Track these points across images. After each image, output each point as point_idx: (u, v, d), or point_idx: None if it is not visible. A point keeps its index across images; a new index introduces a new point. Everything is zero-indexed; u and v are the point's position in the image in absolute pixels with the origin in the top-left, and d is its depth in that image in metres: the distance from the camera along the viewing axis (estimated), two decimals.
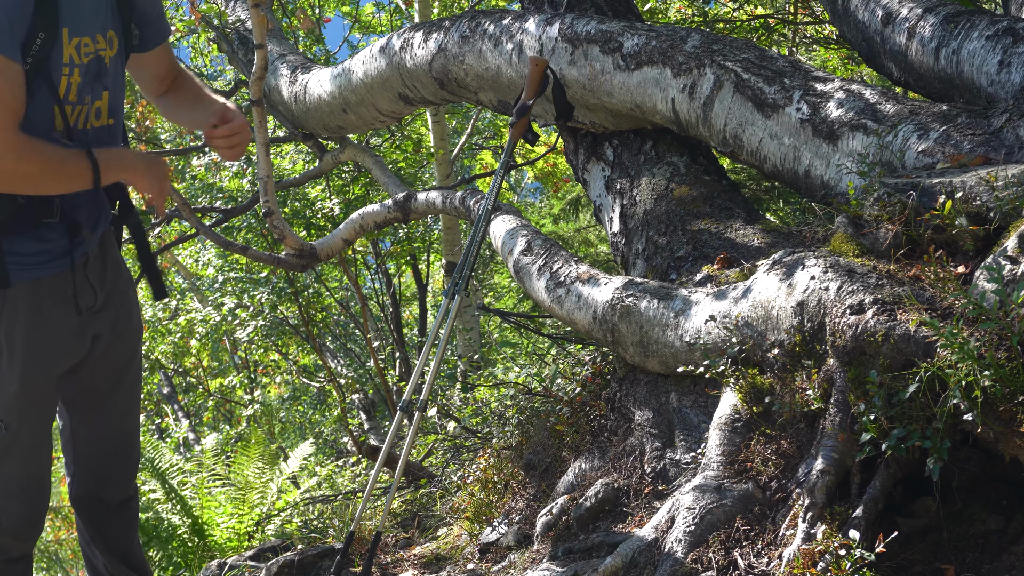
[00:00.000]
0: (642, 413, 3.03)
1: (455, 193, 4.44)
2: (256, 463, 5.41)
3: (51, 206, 2.12)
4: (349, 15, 9.36)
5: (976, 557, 1.99)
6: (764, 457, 2.38)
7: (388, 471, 5.60)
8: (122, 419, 2.49)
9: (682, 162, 3.82)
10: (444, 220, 8.08)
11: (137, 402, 2.56)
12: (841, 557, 1.91)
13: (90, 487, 2.49)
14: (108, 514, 2.53)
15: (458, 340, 8.67)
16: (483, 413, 5.27)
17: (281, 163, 7.37)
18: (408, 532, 4.09)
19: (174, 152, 7.54)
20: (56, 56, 2.03)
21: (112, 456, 2.49)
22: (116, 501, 2.53)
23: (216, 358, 10.32)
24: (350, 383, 8.25)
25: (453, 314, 3.18)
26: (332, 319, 9.14)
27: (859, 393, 2.07)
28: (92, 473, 2.48)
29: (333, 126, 5.24)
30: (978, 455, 2.03)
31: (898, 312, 2.05)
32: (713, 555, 2.18)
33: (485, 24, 4.13)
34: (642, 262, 3.62)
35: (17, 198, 2.06)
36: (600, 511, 2.86)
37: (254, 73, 4.04)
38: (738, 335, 2.57)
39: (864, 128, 2.97)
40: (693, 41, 3.52)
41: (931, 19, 3.17)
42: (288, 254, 4.82)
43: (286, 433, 10.32)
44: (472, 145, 10.94)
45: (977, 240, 2.23)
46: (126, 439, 2.52)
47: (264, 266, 6.87)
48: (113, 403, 2.45)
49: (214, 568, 3.85)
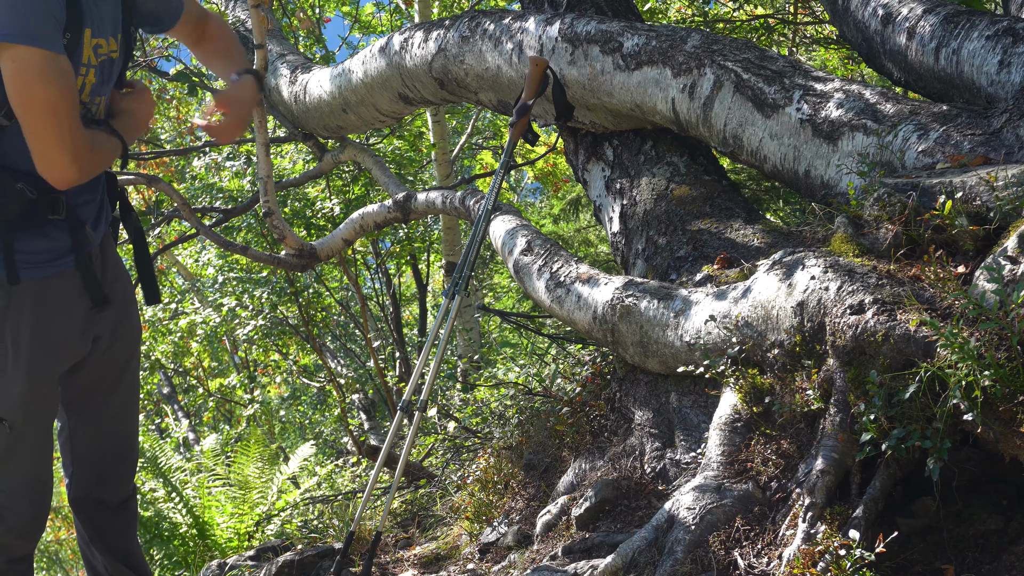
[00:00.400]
0: (642, 413, 3.03)
1: (455, 193, 4.44)
2: (256, 463, 5.41)
3: (58, 203, 2.13)
4: (349, 15, 9.35)
5: (976, 557, 1.99)
6: (764, 457, 2.38)
7: (388, 471, 5.60)
8: (121, 419, 2.50)
9: (682, 162, 3.82)
10: (444, 220, 8.07)
11: (136, 402, 2.56)
12: (841, 557, 1.91)
13: (89, 487, 2.49)
14: (107, 514, 2.53)
15: (458, 340, 8.67)
16: (483, 413, 5.27)
17: (281, 163, 7.37)
18: (408, 532, 4.10)
19: (174, 152, 7.54)
20: (78, 57, 2.04)
21: (111, 456, 2.49)
22: (115, 501, 2.53)
23: (216, 358, 10.32)
24: (350, 383, 8.25)
25: (453, 314, 3.18)
26: (332, 319, 9.14)
27: (859, 393, 2.07)
28: (91, 473, 2.48)
29: (333, 126, 5.24)
30: (978, 455, 2.03)
31: (898, 312, 2.05)
32: (713, 555, 2.18)
33: (485, 24, 4.13)
34: (642, 262, 3.62)
35: (27, 193, 2.07)
36: (600, 511, 2.86)
37: None
38: (738, 335, 2.57)
39: (864, 128, 2.97)
40: (693, 41, 3.52)
41: (931, 19, 3.17)
42: (288, 254, 4.82)
43: (286, 433, 10.33)
44: (472, 145, 10.94)
45: (977, 240, 2.23)
46: (125, 440, 2.52)
47: (264, 266, 6.87)
48: (112, 403, 2.45)
49: (214, 568, 3.85)
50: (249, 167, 6.90)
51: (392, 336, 8.71)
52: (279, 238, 4.67)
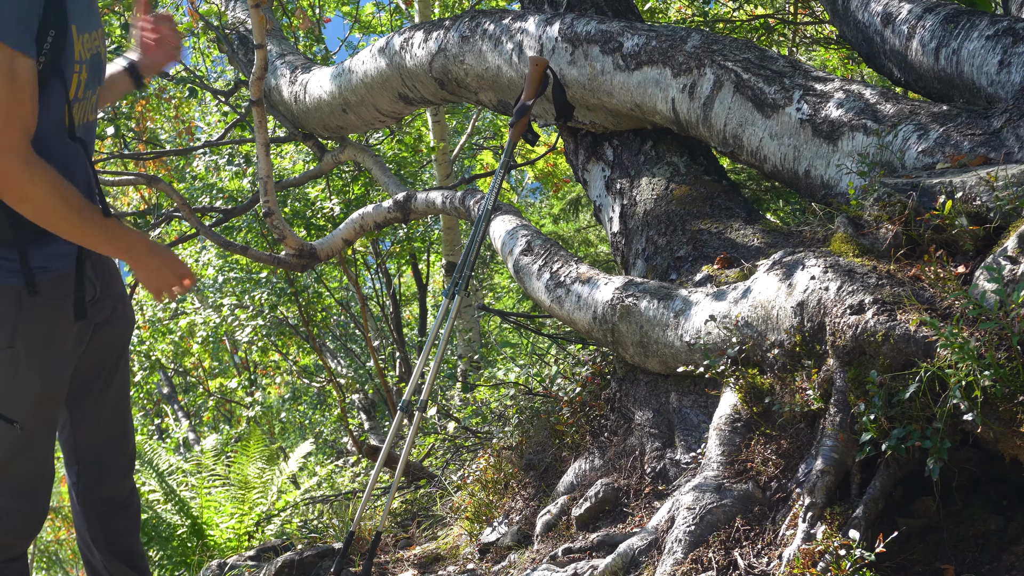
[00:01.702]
0: (642, 413, 3.03)
1: (455, 193, 4.45)
2: (256, 463, 5.41)
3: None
4: (349, 15, 9.35)
5: (976, 557, 1.99)
6: (764, 457, 2.38)
7: (388, 471, 5.60)
8: (118, 410, 2.51)
9: (682, 162, 3.82)
10: (444, 220, 8.08)
11: (127, 389, 2.57)
12: (841, 557, 1.91)
13: (95, 483, 2.50)
14: (114, 510, 2.53)
15: (458, 340, 8.67)
16: (483, 413, 5.28)
17: (281, 163, 7.37)
18: (408, 532, 4.09)
19: (174, 152, 7.53)
20: (69, 54, 2.02)
21: (109, 448, 2.50)
22: (120, 496, 2.54)
23: (216, 359, 10.32)
24: (350, 383, 8.25)
25: (453, 314, 3.18)
26: (332, 319, 9.14)
27: (859, 393, 2.07)
28: (95, 468, 2.49)
29: (333, 126, 5.24)
30: (978, 455, 2.03)
31: (898, 312, 2.05)
32: (713, 555, 2.18)
33: (485, 24, 4.13)
34: (642, 262, 3.62)
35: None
36: (600, 511, 2.86)
37: (254, 73, 4.04)
38: (738, 335, 2.57)
39: (864, 128, 2.97)
40: (693, 41, 3.52)
41: (931, 19, 3.17)
42: (288, 254, 4.82)
43: (286, 433, 10.32)
44: (472, 145, 10.94)
45: (977, 240, 2.23)
46: (122, 430, 2.54)
47: (264, 266, 6.87)
48: (109, 395, 2.46)
49: (214, 568, 3.85)
50: (249, 167, 6.90)
51: (392, 336, 8.71)
52: (279, 238, 4.67)
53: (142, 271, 2.23)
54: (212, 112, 7.85)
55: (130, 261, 2.22)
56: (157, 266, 2.22)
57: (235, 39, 5.79)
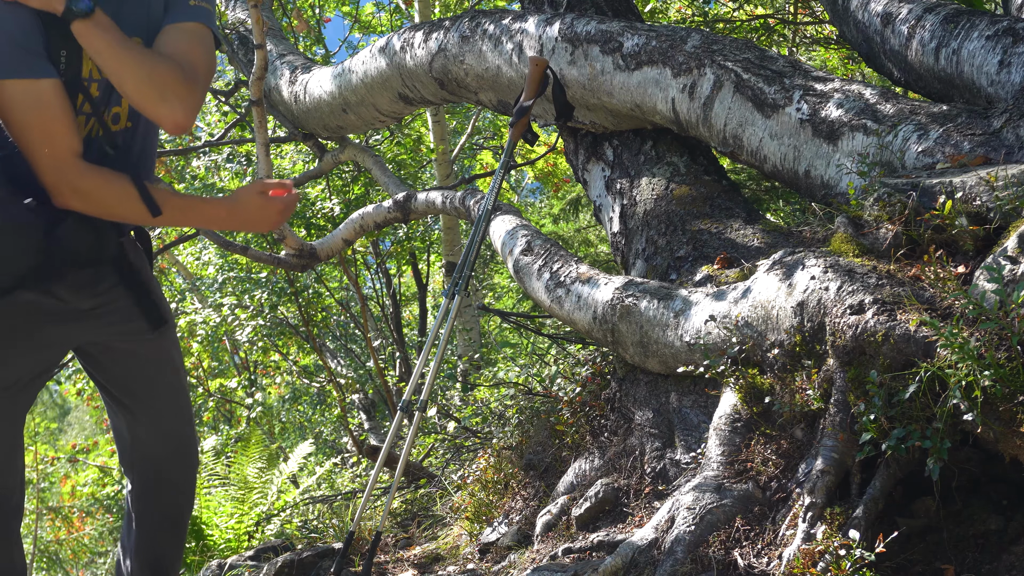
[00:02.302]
0: (642, 413, 3.03)
1: (455, 193, 4.45)
2: (256, 463, 5.41)
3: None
4: (349, 15, 9.35)
5: (976, 557, 1.99)
6: (764, 457, 2.38)
7: (388, 471, 5.60)
8: (173, 420, 2.42)
9: (682, 162, 3.82)
10: (444, 220, 8.08)
11: (184, 403, 2.46)
12: (841, 557, 1.91)
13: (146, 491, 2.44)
14: (166, 527, 2.47)
15: (458, 340, 8.67)
16: (483, 413, 5.27)
17: (281, 163, 7.37)
18: (408, 532, 4.09)
19: (174, 152, 7.53)
20: (75, 70, 1.98)
21: (169, 461, 2.43)
22: (175, 513, 2.47)
23: (216, 359, 10.31)
24: (350, 383, 8.25)
25: (453, 314, 3.18)
26: (332, 319, 9.13)
27: (859, 393, 2.07)
28: (147, 477, 2.42)
29: (333, 126, 5.24)
30: (978, 455, 2.03)
31: (898, 312, 2.05)
32: (713, 555, 2.18)
33: (485, 24, 4.13)
34: (642, 262, 3.62)
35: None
36: (600, 511, 2.86)
37: (254, 73, 4.04)
38: (738, 335, 2.57)
39: (864, 128, 2.97)
40: (693, 41, 3.52)
41: (931, 19, 3.17)
42: (288, 254, 4.82)
43: (286, 433, 10.32)
44: (472, 145, 10.93)
45: (977, 240, 2.23)
46: (179, 441, 2.43)
47: (264, 266, 6.87)
48: (157, 402, 2.37)
49: (214, 568, 3.84)
50: (249, 167, 6.90)
51: (392, 336, 8.70)
52: (279, 238, 4.67)
53: (240, 226, 2.21)
54: (212, 112, 7.86)
55: (219, 225, 2.19)
56: (242, 218, 2.16)
57: (235, 39, 5.79)
